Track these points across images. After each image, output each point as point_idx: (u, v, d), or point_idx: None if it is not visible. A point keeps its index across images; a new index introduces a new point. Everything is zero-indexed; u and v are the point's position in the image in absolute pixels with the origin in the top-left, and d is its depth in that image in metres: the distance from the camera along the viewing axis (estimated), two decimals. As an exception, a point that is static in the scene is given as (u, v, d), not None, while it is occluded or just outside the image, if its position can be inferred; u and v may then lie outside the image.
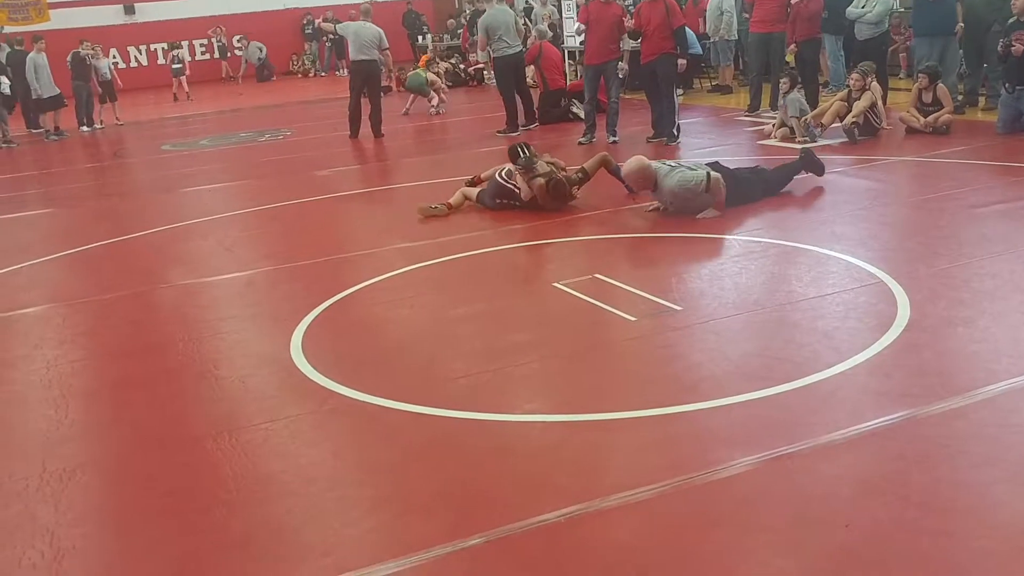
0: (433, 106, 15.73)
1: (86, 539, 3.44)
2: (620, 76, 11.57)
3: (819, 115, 10.35)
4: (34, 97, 16.56)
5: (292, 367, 4.85)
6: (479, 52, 13.12)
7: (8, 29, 22.03)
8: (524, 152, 8.17)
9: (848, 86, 10.42)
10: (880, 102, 10.38)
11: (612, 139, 11.28)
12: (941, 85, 10.12)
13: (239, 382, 4.76)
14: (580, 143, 11.24)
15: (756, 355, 4.60)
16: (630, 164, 7.39)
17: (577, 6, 15.82)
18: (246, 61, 26.83)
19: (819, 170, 8.07)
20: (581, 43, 11.26)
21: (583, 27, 11.51)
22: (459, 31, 24.61)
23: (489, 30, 12.48)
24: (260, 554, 3.24)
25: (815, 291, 5.45)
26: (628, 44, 11.79)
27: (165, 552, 3.30)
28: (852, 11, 12.61)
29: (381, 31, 13.13)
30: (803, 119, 10.23)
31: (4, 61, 16.76)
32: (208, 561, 3.23)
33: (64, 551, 3.33)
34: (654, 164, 7.32)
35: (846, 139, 9.93)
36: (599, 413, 4.07)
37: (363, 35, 13.09)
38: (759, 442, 3.70)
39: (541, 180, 7.88)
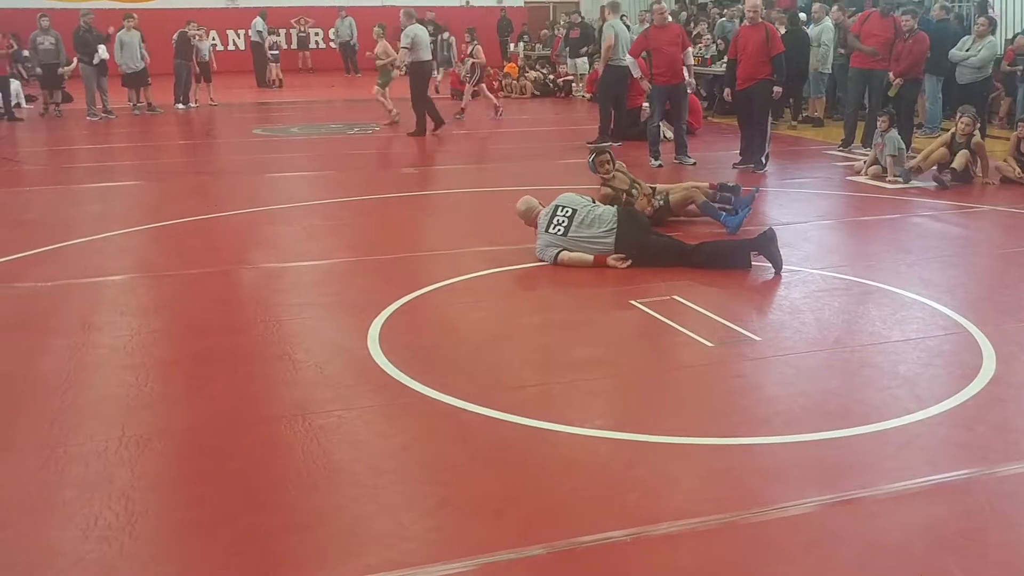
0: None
1: (159, 505, 3.51)
2: (689, 91, 11.57)
3: (921, 161, 10.07)
4: (122, 72, 17.11)
5: (368, 358, 4.91)
6: (602, 54, 13.07)
7: (110, 6, 22.71)
8: (592, 156, 8.28)
9: (947, 130, 10.22)
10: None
11: (689, 161, 11.26)
12: (1042, 136, 9.87)
13: (316, 368, 4.83)
14: (660, 166, 11.21)
15: (833, 394, 4.52)
16: (519, 204, 7.15)
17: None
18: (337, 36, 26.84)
19: (776, 260, 6.53)
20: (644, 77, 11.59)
21: (634, 60, 11.68)
22: (552, 41, 24.70)
23: (619, 37, 12.50)
24: (324, 540, 3.28)
25: (898, 334, 5.34)
26: (691, 58, 11.78)
27: (233, 526, 3.36)
28: (955, 53, 12.38)
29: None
30: (908, 166, 9.99)
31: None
32: (272, 540, 3.27)
33: (137, 514, 3.41)
34: (544, 209, 6.94)
35: (937, 184, 9.73)
36: (670, 436, 4.04)
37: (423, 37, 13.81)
38: (831, 483, 3.64)
39: (608, 190, 7.92)
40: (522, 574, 3.08)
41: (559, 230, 6.78)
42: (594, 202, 7.04)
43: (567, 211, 6.85)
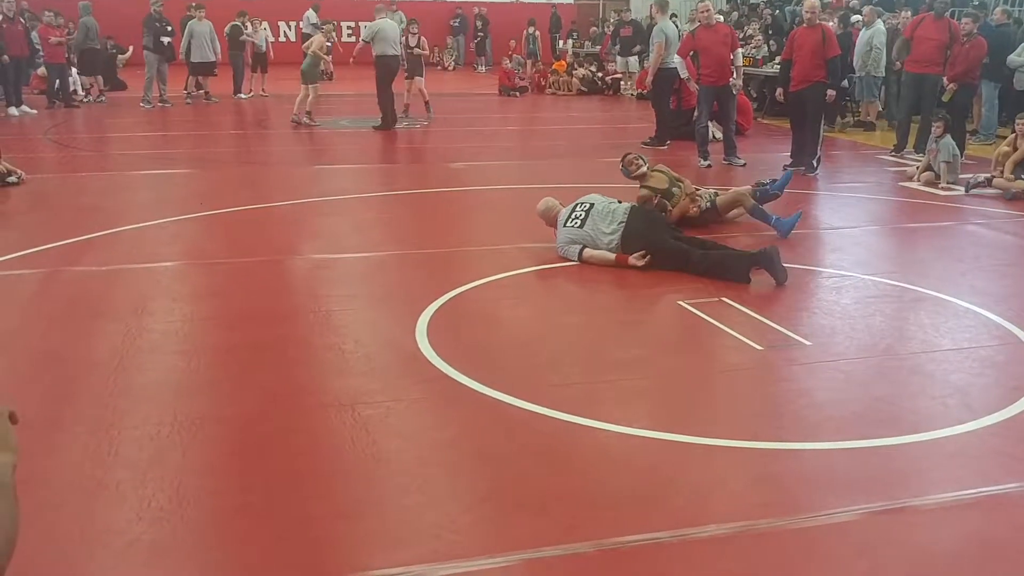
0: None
1: (210, 489, 3.56)
2: (735, 93, 11.52)
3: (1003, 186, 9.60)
4: (191, 61, 17.37)
5: (416, 351, 4.94)
6: (652, 59, 13.02)
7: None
8: (621, 162, 8.28)
9: (1003, 137, 10.03)
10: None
11: (739, 162, 11.21)
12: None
13: (365, 358, 4.87)
14: (709, 166, 11.16)
15: (884, 401, 4.47)
16: (539, 204, 7.16)
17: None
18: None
19: (779, 275, 6.23)
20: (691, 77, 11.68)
21: (682, 61, 11.72)
22: (601, 38, 24.63)
23: (669, 41, 12.47)
24: (372, 529, 3.31)
25: (950, 343, 5.27)
26: (740, 59, 11.72)
27: (282, 513, 3.40)
28: (1014, 59, 12.17)
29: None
30: (983, 178, 9.69)
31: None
32: (321, 528, 3.31)
33: (189, 498, 3.47)
34: (565, 209, 6.95)
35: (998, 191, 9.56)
36: (717, 438, 4.02)
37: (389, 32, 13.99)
38: (880, 491, 3.60)
39: (645, 191, 7.87)
40: (568, 570, 3.08)
41: (576, 223, 6.79)
42: (620, 202, 7.02)
43: (585, 206, 6.89)
